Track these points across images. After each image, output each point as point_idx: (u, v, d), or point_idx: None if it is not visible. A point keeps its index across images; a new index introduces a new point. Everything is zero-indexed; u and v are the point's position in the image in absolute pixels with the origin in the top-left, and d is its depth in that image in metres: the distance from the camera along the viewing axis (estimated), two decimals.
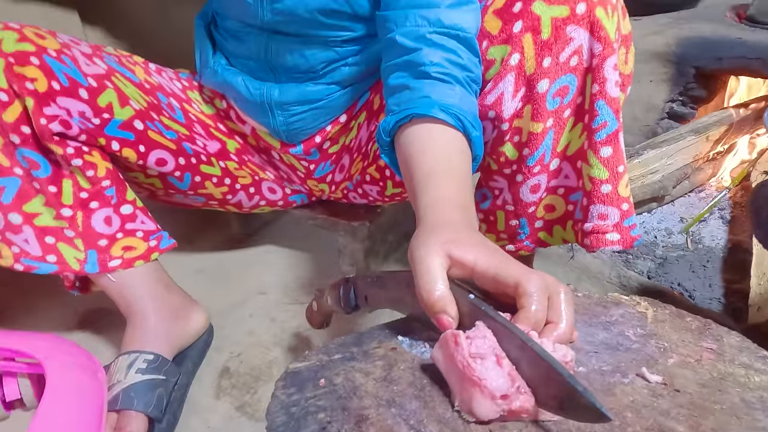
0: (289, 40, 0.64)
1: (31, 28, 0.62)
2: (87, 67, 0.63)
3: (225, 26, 0.69)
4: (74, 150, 0.62)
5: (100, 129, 0.64)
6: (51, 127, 0.59)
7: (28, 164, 0.61)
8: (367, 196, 0.81)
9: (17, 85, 0.58)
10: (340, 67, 0.66)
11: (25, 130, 0.60)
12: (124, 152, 0.66)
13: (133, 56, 0.73)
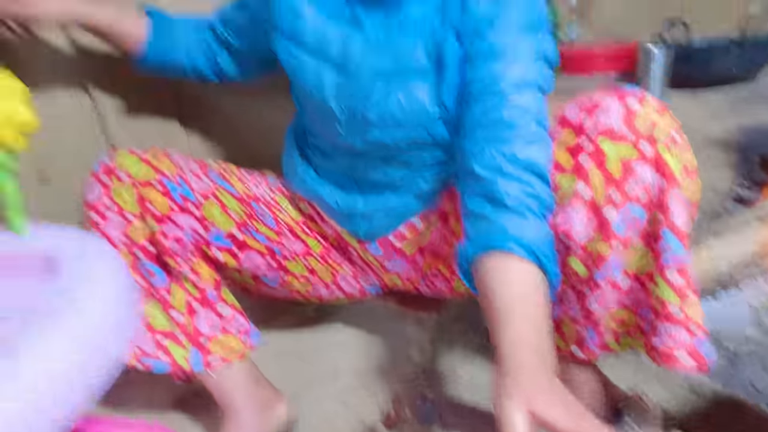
0: (373, 160, 0.72)
1: (152, 151, 0.73)
2: (196, 185, 0.73)
3: (315, 143, 0.78)
4: (185, 261, 0.71)
5: (206, 240, 0.73)
6: (169, 246, 0.69)
7: (148, 274, 0.70)
8: (436, 290, 0.86)
9: (145, 211, 0.68)
10: (417, 181, 0.73)
11: (148, 247, 0.70)
12: (225, 259, 0.75)
13: (230, 166, 0.83)
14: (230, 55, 0.83)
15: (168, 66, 0.82)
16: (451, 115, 0.65)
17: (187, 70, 0.84)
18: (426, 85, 0.64)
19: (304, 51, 0.69)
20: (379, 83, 0.65)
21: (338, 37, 0.67)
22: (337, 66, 0.67)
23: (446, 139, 0.67)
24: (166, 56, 0.81)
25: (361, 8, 0.66)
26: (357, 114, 0.67)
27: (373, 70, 0.65)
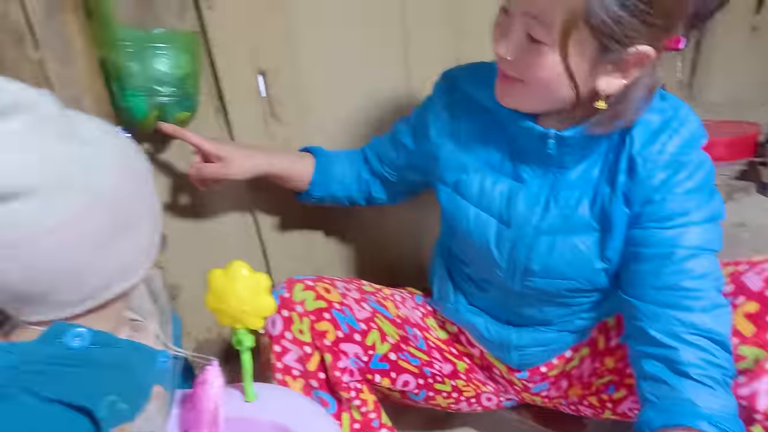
0: (530, 299, 0.74)
1: (321, 282, 0.79)
2: (358, 313, 0.79)
3: (467, 273, 0.82)
4: (353, 390, 0.76)
5: (367, 365, 0.78)
6: (339, 375, 0.75)
7: (320, 402, 0.76)
8: (578, 412, 0.87)
9: (318, 341, 0.75)
10: (574, 320, 0.75)
11: (321, 376, 0.76)
12: (382, 381, 0.80)
13: (383, 289, 0.88)
14: (382, 185, 0.90)
15: (326, 198, 0.90)
16: (614, 267, 0.67)
17: (341, 200, 0.91)
18: (591, 240, 0.66)
19: (468, 201, 0.73)
20: (544, 238, 0.68)
21: (502, 191, 0.71)
22: (501, 218, 0.71)
23: (606, 286, 0.69)
24: (326, 191, 0.89)
25: (524, 166, 0.69)
26: (519, 264, 0.70)
27: (537, 225, 0.68)
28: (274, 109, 0.93)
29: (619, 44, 0.54)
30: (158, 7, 0.81)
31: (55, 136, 0.40)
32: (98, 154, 0.43)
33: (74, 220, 0.41)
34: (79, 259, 0.42)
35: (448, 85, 0.78)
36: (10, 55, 0.63)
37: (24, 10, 0.61)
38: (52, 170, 0.40)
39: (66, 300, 0.44)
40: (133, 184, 0.46)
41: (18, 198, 0.38)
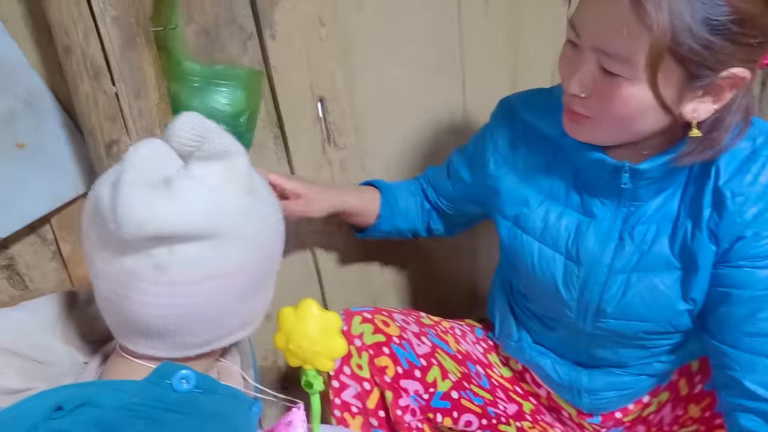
0: (603, 341, 0.70)
1: (379, 315, 0.77)
2: (418, 348, 0.76)
3: (532, 310, 0.77)
4: (415, 429, 0.73)
5: (428, 403, 0.75)
6: (399, 414, 0.72)
7: None
8: None
9: (377, 377, 0.72)
10: (653, 363, 0.70)
11: (380, 414, 0.73)
12: (443, 421, 0.77)
13: (441, 322, 0.86)
14: (439, 216, 0.87)
15: (392, 232, 0.88)
16: (699, 308, 0.62)
17: (405, 233, 0.89)
18: (672, 279, 0.61)
19: (530, 236, 0.69)
20: (618, 276, 0.63)
21: (568, 225, 0.66)
22: (568, 254, 0.66)
23: (689, 327, 0.64)
24: (392, 224, 0.87)
25: (593, 199, 0.65)
26: (591, 304, 0.66)
27: (611, 262, 0.64)
28: (331, 134, 0.93)
29: (710, 70, 0.50)
30: (224, 38, 0.83)
31: (242, 189, 0.43)
32: (266, 210, 0.46)
33: (235, 269, 0.43)
34: (223, 307, 0.44)
35: (506, 114, 0.74)
36: (88, 89, 0.65)
37: (102, 45, 0.63)
38: (234, 220, 0.42)
39: (189, 342, 0.45)
40: (279, 240, 0.49)
41: (199, 240, 0.40)
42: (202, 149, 0.41)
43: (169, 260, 0.40)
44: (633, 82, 0.51)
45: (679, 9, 0.46)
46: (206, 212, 0.40)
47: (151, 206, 0.38)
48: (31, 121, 0.71)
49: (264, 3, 0.81)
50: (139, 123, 0.66)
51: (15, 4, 0.70)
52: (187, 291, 0.42)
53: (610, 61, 0.51)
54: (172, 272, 0.40)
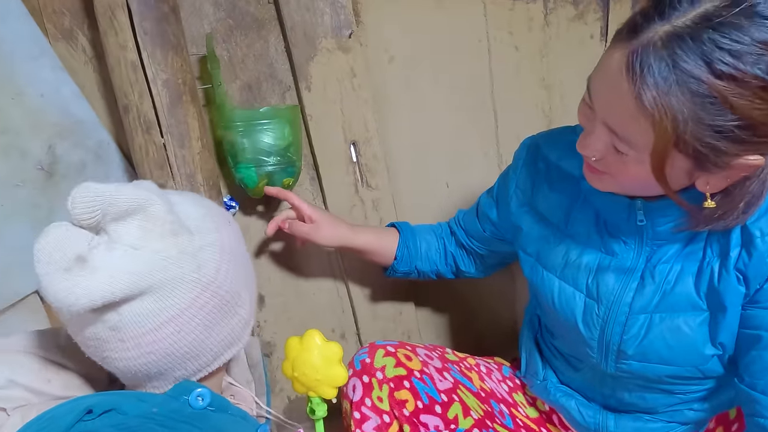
0: (628, 384, 0.67)
1: (403, 349, 0.79)
2: (440, 383, 0.76)
3: (557, 348, 0.76)
4: None
5: None
6: None
7: None
8: None
9: (397, 410, 0.73)
10: (684, 410, 0.65)
11: None
12: None
13: (467, 358, 0.85)
14: (470, 257, 0.89)
15: (412, 273, 0.91)
16: (729, 353, 0.58)
17: (428, 274, 0.91)
18: (697, 322, 0.58)
19: (551, 273, 0.69)
20: (639, 316, 0.61)
21: (588, 263, 0.65)
22: (588, 292, 0.65)
23: (720, 374, 0.60)
24: (410, 265, 0.90)
25: (615, 237, 0.64)
26: (612, 344, 0.64)
27: (631, 301, 0.62)
28: (363, 176, 0.98)
29: (717, 167, 0.49)
30: (264, 91, 0.92)
31: (166, 233, 0.43)
32: (202, 241, 0.46)
33: (187, 308, 0.45)
34: (193, 341, 0.46)
35: (529, 153, 0.76)
36: (142, 141, 0.75)
37: (153, 104, 0.73)
38: (166, 267, 0.43)
39: (181, 375, 0.48)
40: (234, 265, 0.49)
41: (139, 298, 0.42)
42: (108, 214, 0.41)
43: (119, 321, 0.43)
44: (640, 161, 0.51)
45: (684, 114, 0.45)
46: (133, 271, 0.41)
47: (74, 288, 0.39)
48: (99, 169, 0.82)
49: (300, 58, 0.90)
50: (183, 169, 0.75)
51: (90, 73, 0.83)
52: (151, 340, 0.44)
53: (619, 141, 0.51)
54: (128, 330, 0.43)
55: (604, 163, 0.55)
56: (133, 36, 0.71)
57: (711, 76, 0.44)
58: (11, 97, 0.75)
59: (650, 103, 0.46)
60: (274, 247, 0.98)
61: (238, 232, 0.53)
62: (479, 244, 0.86)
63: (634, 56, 0.46)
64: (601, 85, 0.51)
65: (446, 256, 0.89)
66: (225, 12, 0.87)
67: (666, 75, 0.45)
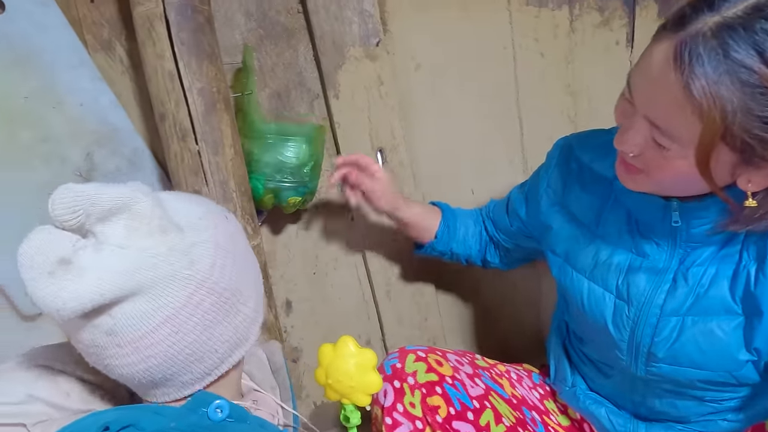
0: (659, 390, 0.66)
1: (433, 354, 0.78)
2: (471, 389, 0.76)
3: (585, 351, 0.75)
4: None
5: None
6: None
7: None
8: None
9: (429, 416, 0.73)
10: (717, 420, 0.64)
11: None
12: None
13: (497, 365, 0.85)
14: (496, 249, 0.89)
15: (446, 254, 0.91)
16: (765, 360, 0.57)
17: (459, 257, 0.91)
18: (732, 326, 0.57)
19: (580, 274, 0.69)
20: (671, 319, 0.61)
21: (619, 264, 0.65)
22: (618, 293, 0.65)
23: (755, 381, 0.59)
24: (447, 246, 0.90)
25: (647, 239, 0.63)
26: (642, 347, 0.63)
27: (662, 303, 0.61)
28: None
29: (764, 160, 0.48)
30: (293, 99, 0.93)
31: (154, 231, 0.41)
32: (195, 237, 0.44)
33: (182, 308, 0.42)
34: (194, 343, 0.44)
35: (562, 153, 0.76)
36: (177, 148, 0.76)
37: (189, 112, 0.74)
38: (156, 266, 0.41)
39: (189, 380, 0.46)
40: (232, 261, 0.46)
41: (129, 299, 0.40)
42: (92, 214, 0.40)
43: (114, 325, 0.41)
44: (683, 156, 0.50)
45: (733, 104, 0.45)
46: (120, 270, 0.40)
47: (60, 292, 0.38)
48: (134, 175, 0.84)
49: (329, 67, 0.91)
50: (217, 176, 0.76)
51: (127, 82, 0.85)
52: (149, 343, 0.42)
53: (661, 135, 0.51)
54: (124, 334, 0.41)
55: (642, 159, 0.54)
56: (170, 46, 0.73)
57: (763, 66, 0.43)
58: (52, 105, 0.78)
59: (699, 92, 0.45)
60: (300, 252, 0.99)
61: (237, 229, 0.50)
62: (505, 237, 0.86)
63: (682, 46, 0.46)
64: (645, 78, 0.50)
65: (481, 243, 0.90)
66: (256, 22, 0.89)
67: (716, 65, 0.44)
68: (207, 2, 0.77)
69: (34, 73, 0.76)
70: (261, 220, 0.92)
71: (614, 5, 1.08)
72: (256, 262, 0.52)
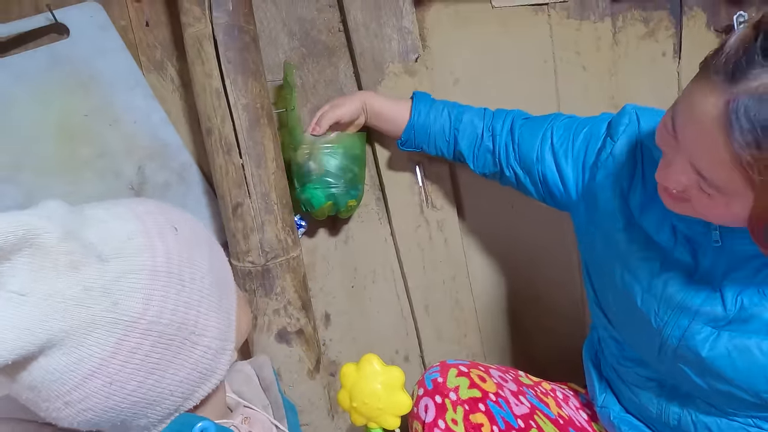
0: (692, 409, 0.62)
1: (476, 369, 0.76)
2: (516, 408, 0.73)
3: (615, 366, 0.72)
4: None
5: None
6: None
7: None
8: None
9: (469, 431, 0.71)
10: None
11: None
12: None
13: (542, 383, 0.82)
14: (492, 157, 0.82)
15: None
16: None
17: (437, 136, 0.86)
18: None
19: (613, 255, 0.65)
20: (705, 328, 0.57)
21: (655, 257, 0.61)
22: (650, 288, 0.61)
23: None
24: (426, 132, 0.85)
25: (687, 243, 0.59)
26: (670, 342, 0.60)
27: (698, 309, 0.58)
28: (429, 196, 0.98)
29: None
30: None
31: (62, 269, 0.34)
32: (123, 270, 0.36)
33: (113, 356, 0.36)
34: (137, 390, 0.37)
35: (631, 135, 0.66)
36: (222, 161, 0.79)
37: (234, 126, 0.77)
38: (67, 314, 0.34)
39: (147, 423, 0.40)
40: (177, 289, 0.38)
41: (42, 355, 0.34)
42: None
43: (33, 381, 0.35)
44: (729, 203, 0.46)
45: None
46: (23, 326, 0.32)
47: None
48: (181, 189, 0.87)
49: (368, 83, 0.93)
50: (259, 188, 0.78)
51: (177, 100, 0.89)
52: (80, 397, 0.36)
53: (707, 185, 0.47)
54: (46, 390, 0.35)
55: (686, 193, 0.51)
56: (218, 65, 0.76)
57: None
58: (109, 123, 0.82)
59: (751, 163, 0.41)
60: (339, 265, 0.99)
61: (191, 239, 0.41)
62: (516, 165, 0.78)
63: (733, 105, 0.41)
64: (690, 127, 0.46)
65: (474, 143, 0.83)
66: (299, 41, 0.92)
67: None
68: (252, 23, 0.80)
69: (94, 93, 0.81)
70: (301, 232, 0.94)
71: (659, 16, 1.05)
72: (223, 275, 0.44)
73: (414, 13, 0.92)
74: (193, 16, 0.75)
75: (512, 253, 1.06)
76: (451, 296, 1.01)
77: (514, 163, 0.80)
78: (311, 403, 0.88)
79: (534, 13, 1.00)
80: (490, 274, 1.06)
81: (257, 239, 0.79)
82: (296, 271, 0.83)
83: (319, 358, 0.87)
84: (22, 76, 0.78)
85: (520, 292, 1.06)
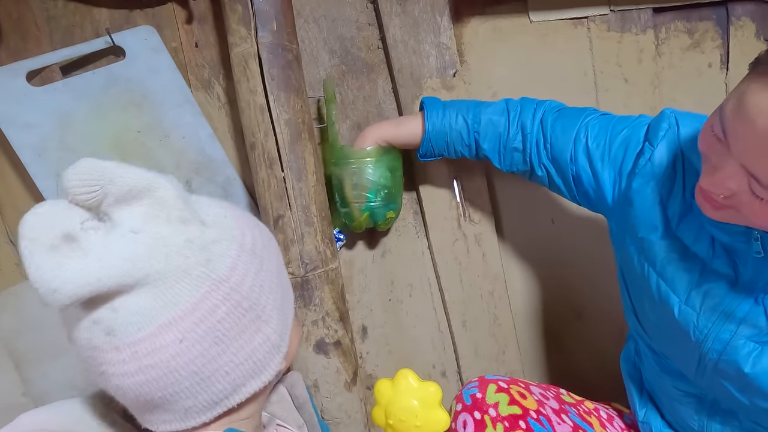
0: (737, 429, 0.59)
1: (516, 386, 0.75)
2: (558, 427, 0.71)
3: (656, 382, 0.69)
4: None
5: None
6: None
7: None
8: None
9: None
10: None
11: None
12: None
13: (584, 401, 0.79)
14: (522, 155, 0.80)
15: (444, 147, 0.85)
16: None
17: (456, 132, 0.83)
18: None
19: (651, 265, 0.63)
20: (748, 343, 0.54)
21: (693, 268, 0.59)
22: (688, 300, 0.59)
23: None
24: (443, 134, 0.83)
25: (726, 254, 0.57)
26: (711, 355, 0.57)
27: (739, 323, 0.55)
28: (466, 210, 0.98)
29: None
30: None
31: (175, 220, 0.38)
32: (218, 237, 0.40)
33: (192, 310, 0.38)
34: (202, 357, 0.39)
35: (672, 145, 0.64)
36: (264, 175, 0.81)
37: (276, 141, 0.79)
38: (167, 257, 0.37)
39: (192, 406, 0.40)
40: (256, 269, 0.41)
41: (133, 291, 0.36)
42: (110, 194, 0.36)
43: (113, 321, 0.37)
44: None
45: None
46: (127, 257, 0.35)
47: (58, 269, 0.34)
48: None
49: (407, 98, 0.94)
50: (299, 201, 0.80)
51: (223, 117, 0.93)
52: (149, 349, 0.37)
53: (762, 189, 0.45)
54: (122, 334, 0.37)
55: (732, 200, 0.49)
56: (262, 81, 0.79)
57: None
58: (159, 139, 0.86)
59: None
60: (376, 278, 1.00)
61: (269, 241, 0.46)
62: (549, 164, 0.76)
63: None
64: (743, 128, 0.44)
65: (499, 140, 0.80)
66: (339, 59, 0.95)
67: None
68: (295, 42, 0.83)
69: (147, 111, 0.86)
70: (340, 245, 0.95)
71: (705, 26, 1.03)
72: (287, 286, 0.47)
73: (452, 29, 0.93)
74: (239, 36, 0.79)
75: (552, 268, 1.04)
76: (489, 311, 1.00)
77: (546, 161, 0.77)
78: (348, 416, 0.88)
79: (573, 26, 1.00)
80: (530, 289, 1.05)
81: (297, 251, 0.81)
82: (334, 282, 0.84)
83: (356, 370, 0.87)
84: (82, 96, 0.83)
85: (561, 308, 1.04)
